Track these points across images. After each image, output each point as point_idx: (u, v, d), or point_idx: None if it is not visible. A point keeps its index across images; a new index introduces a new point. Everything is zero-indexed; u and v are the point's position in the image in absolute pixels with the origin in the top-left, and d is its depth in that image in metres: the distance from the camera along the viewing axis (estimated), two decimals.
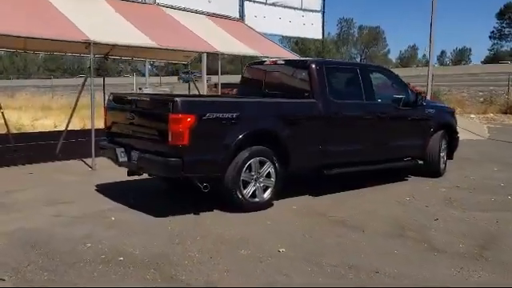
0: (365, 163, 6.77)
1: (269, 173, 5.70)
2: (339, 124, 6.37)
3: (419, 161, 7.61)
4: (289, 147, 5.80)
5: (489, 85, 26.84)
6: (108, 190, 6.43)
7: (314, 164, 6.22)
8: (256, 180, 5.60)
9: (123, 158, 5.78)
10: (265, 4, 13.51)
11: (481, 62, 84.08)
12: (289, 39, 43.41)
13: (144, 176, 6.47)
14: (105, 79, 10.79)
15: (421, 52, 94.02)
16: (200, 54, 12.46)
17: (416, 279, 3.82)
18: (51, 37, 7.53)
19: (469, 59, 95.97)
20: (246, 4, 12.92)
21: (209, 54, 12.83)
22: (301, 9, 14.57)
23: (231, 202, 5.52)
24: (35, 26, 7.43)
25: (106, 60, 10.85)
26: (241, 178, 5.45)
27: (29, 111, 18.44)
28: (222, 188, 5.46)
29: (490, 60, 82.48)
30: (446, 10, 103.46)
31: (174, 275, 3.82)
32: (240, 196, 5.46)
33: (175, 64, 33.28)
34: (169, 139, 5.04)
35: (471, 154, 9.87)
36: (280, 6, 13.97)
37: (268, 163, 5.66)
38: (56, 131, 11.05)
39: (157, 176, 6.32)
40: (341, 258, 4.20)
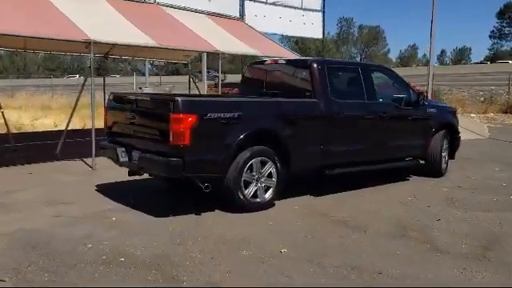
0: (366, 163, 6.75)
1: (270, 173, 5.67)
2: (341, 124, 6.35)
3: (421, 161, 7.61)
4: (290, 147, 5.78)
5: (484, 84, 26.79)
6: (108, 190, 6.40)
7: (316, 164, 6.19)
8: (257, 180, 5.58)
9: (124, 158, 5.76)
10: (265, 3, 13.50)
11: (480, 62, 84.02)
12: (289, 39, 43.34)
13: (145, 176, 6.45)
14: (105, 79, 10.76)
15: (421, 51, 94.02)
16: (200, 54, 12.43)
17: (419, 280, 3.79)
18: (51, 36, 7.51)
19: (469, 58, 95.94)
20: (247, 3, 12.91)
21: (209, 54, 12.82)
22: (301, 8, 14.57)
23: (232, 203, 5.49)
24: (35, 26, 7.40)
25: (106, 59, 10.82)
26: (242, 178, 5.42)
27: (29, 111, 18.42)
28: (224, 188, 5.43)
29: (490, 59, 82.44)
30: (446, 10, 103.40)
31: (176, 276, 3.80)
32: (241, 196, 5.44)
33: (175, 63, 33.33)
34: (170, 139, 5.01)
35: (472, 154, 9.85)
36: (280, 6, 13.97)
37: (269, 163, 5.64)
38: (56, 131, 11.01)
39: (157, 176, 6.29)
40: (343, 259, 4.17)
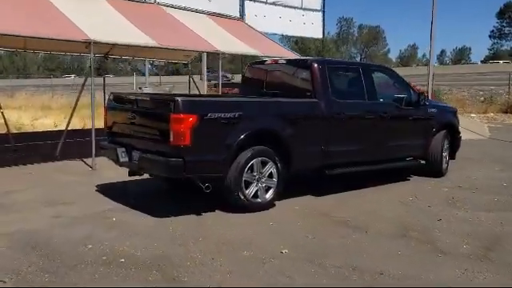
0: (367, 163, 6.73)
1: (271, 173, 5.65)
2: (341, 124, 6.33)
3: (421, 161, 7.59)
4: (291, 147, 5.76)
5: (484, 84, 26.79)
6: (108, 191, 6.39)
7: (317, 164, 6.18)
8: (258, 180, 5.56)
9: (124, 158, 5.74)
10: (265, 3, 13.49)
11: (481, 62, 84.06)
12: (288, 38, 43.32)
13: (145, 176, 6.43)
14: (105, 79, 10.75)
15: (421, 51, 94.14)
16: (200, 54, 12.42)
17: (421, 281, 3.78)
18: (51, 36, 7.49)
19: (469, 58, 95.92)
20: (247, 3, 12.89)
21: (209, 54, 12.81)
22: (301, 8, 14.56)
23: (233, 203, 5.47)
24: (35, 26, 7.39)
25: (106, 59, 10.81)
26: (243, 179, 5.41)
27: (29, 111, 18.40)
28: (224, 188, 5.42)
29: (490, 59, 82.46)
30: (446, 10, 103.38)
31: (177, 277, 3.78)
32: (242, 196, 5.42)
33: (175, 63, 33.33)
34: (170, 139, 4.99)
35: (472, 154, 9.83)
36: (280, 6, 13.95)
37: (270, 163, 5.62)
38: (56, 131, 10.99)
39: (158, 176, 6.27)
40: (344, 259, 4.16)
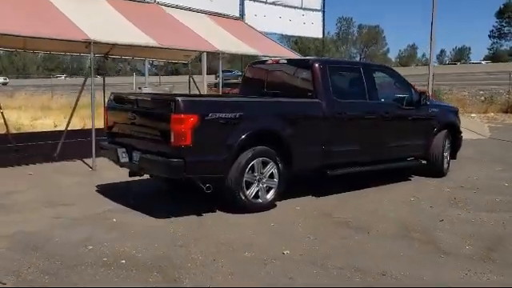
0: (368, 163, 6.70)
1: (272, 173, 5.63)
2: (343, 124, 6.30)
3: (422, 161, 7.57)
4: (292, 147, 5.73)
5: (485, 84, 26.78)
6: (109, 191, 6.36)
7: (318, 164, 6.15)
8: (259, 181, 5.54)
9: (124, 159, 5.72)
10: (265, 3, 13.46)
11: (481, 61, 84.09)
12: (288, 38, 43.32)
13: (145, 177, 6.40)
14: (105, 79, 10.72)
15: (420, 51, 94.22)
16: (200, 54, 12.38)
17: (423, 282, 3.76)
18: (51, 36, 7.47)
19: (468, 58, 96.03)
20: (246, 3, 12.86)
21: (208, 54, 12.77)
22: (301, 8, 14.53)
23: (234, 203, 5.45)
24: (35, 26, 7.36)
25: (106, 59, 10.78)
26: (244, 179, 5.38)
27: (28, 111, 18.36)
28: (225, 189, 5.39)
29: (490, 59, 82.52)
30: (446, 10, 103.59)
31: (178, 278, 3.75)
32: (243, 197, 5.40)
33: (175, 63, 33.25)
34: (171, 140, 4.96)
35: (473, 154, 9.81)
36: (280, 5, 13.92)
37: (271, 164, 5.60)
38: (56, 131, 10.97)
39: (158, 177, 6.24)
40: (346, 260, 4.13)
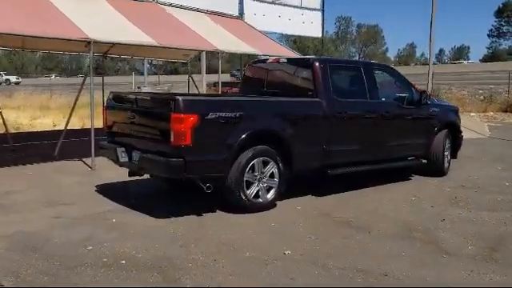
0: (369, 163, 6.68)
1: (272, 173, 5.60)
2: (343, 123, 6.28)
3: (423, 160, 7.55)
4: (292, 147, 5.71)
5: (483, 83, 26.78)
6: (108, 191, 6.33)
7: (318, 164, 6.12)
8: (259, 180, 5.51)
9: (124, 158, 5.69)
10: (264, 2, 13.42)
11: (479, 60, 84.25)
12: (287, 38, 43.22)
13: (145, 176, 6.37)
14: (104, 78, 10.70)
15: (419, 50, 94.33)
16: (199, 53, 12.35)
17: (426, 283, 3.73)
18: (50, 35, 7.43)
19: (467, 57, 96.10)
20: (246, 2, 12.83)
21: (207, 53, 12.74)
22: (300, 7, 14.51)
23: (234, 203, 5.42)
24: (35, 25, 7.32)
25: (105, 58, 10.75)
26: (244, 179, 5.35)
27: (27, 110, 18.31)
28: (225, 189, 5.36)
29: (489, 58, 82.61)
30: (445, 9, 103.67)
31: (178, 279, 3.73)
32: (243, 197, 5.37)
33: (174, 63, 33.21)
34: (171, 139, 4.93)
35: (473, 153, 9.79)
36: (279, 4, 13.90)
37: (271, 163, 5.57)
38: (55, 131, 10.93)
39: (158, 176, 6.21)
40: (348, 261, 4.11)
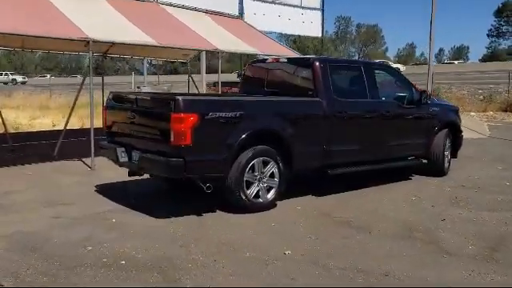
0: (369, 162, 6.67)
1: (272, 173, 5.59)
2: (343, 123, 6.27)
3: (423, 160, 7.53)
4: (292, 147, 5.69)
5: (483, 83, 26.78)
6: (108, 191, 6.31)
7: (319, 164, 6.11)
8: (259, 180, 5.50)
9: (124, 158, 5.67)
10: (264, 2, 13.40)
11: (479, 60, 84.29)
12: (287, 37, 43.21)
13: (145, 176, 6.36)
14: (103, 78, 10.66)
15: (419, 50, 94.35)
16: (199, 52, 12.33)
17: (427, 283, 3.72)
18: (52, 35, 7.42)
19: (466, 57, 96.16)
20: (246, 1, 12.81)
21: (207, 52, 12.72)
22: (300, 7, 14.50)
23: (234, 203, 5.41)
24: (35, 25, 7.31)
25: (105, 58, 10.73)
26: (244, 179, 5.34)
27: (26, 110, 18.31)
28: (225, 188, 5.35)
29: (488, 58, 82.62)
30: (445, 9, 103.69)
31: (178, 279, 3.71)
32: (243, 197, 5.36)
33: (173, 62, 33.19)
34: (171, 139, 4.92)
35: (473, 153, 9.78)
36: (279, 4, 13.88)
37: (272, 163, 5.55)
38: (54, 130, 10.91)
39: (158, 176, 6.20)
40: (348, 261, 4.10)
